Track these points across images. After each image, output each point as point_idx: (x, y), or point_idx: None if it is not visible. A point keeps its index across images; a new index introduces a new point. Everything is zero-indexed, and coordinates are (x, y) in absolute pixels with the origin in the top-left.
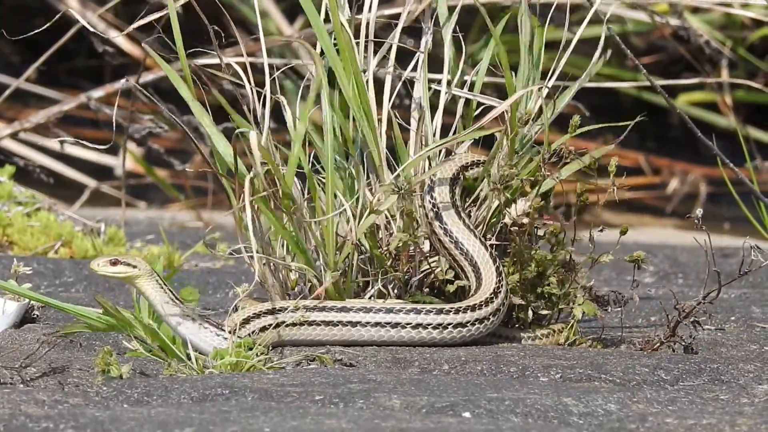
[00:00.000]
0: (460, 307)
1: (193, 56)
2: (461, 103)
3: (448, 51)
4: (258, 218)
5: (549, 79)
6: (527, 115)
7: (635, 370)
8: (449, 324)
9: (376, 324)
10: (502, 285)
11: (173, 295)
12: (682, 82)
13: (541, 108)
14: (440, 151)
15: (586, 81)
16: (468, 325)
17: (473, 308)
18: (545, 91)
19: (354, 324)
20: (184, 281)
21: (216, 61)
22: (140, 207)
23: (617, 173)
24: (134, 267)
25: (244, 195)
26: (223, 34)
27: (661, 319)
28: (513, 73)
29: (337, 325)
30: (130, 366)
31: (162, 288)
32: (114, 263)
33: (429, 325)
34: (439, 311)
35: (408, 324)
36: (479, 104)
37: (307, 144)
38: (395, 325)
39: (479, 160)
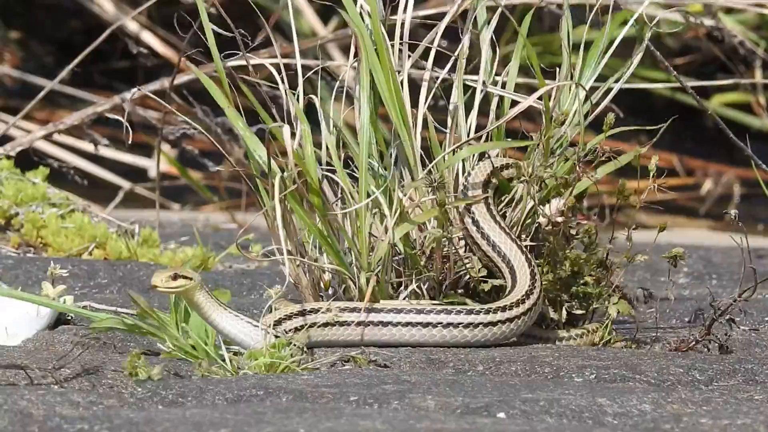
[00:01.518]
0: (491, 308)
1: (227, 57)
2: (494, 103)
3: (486, 53)
4: (291, 218)
5: (590, 79)
6: (564, 115)
7: (669, 371)
8: (480, 323)
9: (407, 324)
10: (536, 285)
11: (219, 301)
12: (715, 83)
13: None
14: (473, 156)
15: (624, 81)
16: (499, 324)
17: (504, 308)
18: (583, 93)
19: (385, 324)
20: (218, 283)
21: (250, 62)
22: (174, 209)
23: (647, 175)
24: (191, 279)
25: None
26: (251, 36)
27: (696, 319)
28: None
29: (368, 326)
30: (162, 367)
31: (209, 294)
32: (174, 278)
33: (460, 324)
34: (470, 311)
35: (439, 323)
36: (513, 106)
37: (341, 145)
38: (426, 325)
39: (512, 162)
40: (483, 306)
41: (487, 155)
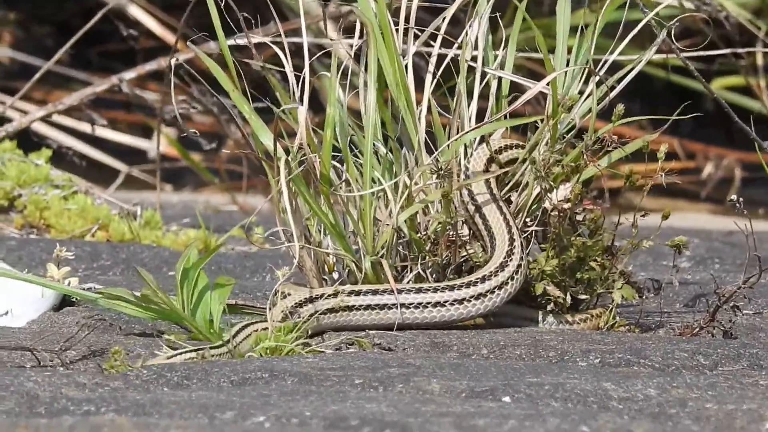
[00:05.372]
0: (455, 285)
1: (226, 37)
2: (494, 86)
3: (483, 33)
4: (296, 201)
5: (600, 65)
6: (571, 101)
7: (674, 355)
8: (446, 301)
9: (368, 307)
10: (511, 260)
11: None
12: (717, 53)
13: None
14: (475, 138)
15: (640, 67)
16: (465, 302)
17: (469, 284)
18: (579, 77)
19: (352, 308)
20: (221, 265)
21: (251, 41)
22: (166, 190)
23: (651, 158)
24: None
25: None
26: (251, 17)
27: (700, 304)
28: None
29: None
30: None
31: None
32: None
33: (429, 303)
34: (436, 289)
35: (411, 304)
36: (512, 89)
37: (342, 128)
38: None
39: (512, 144)
40: (449, 282)
41: (486, 139)
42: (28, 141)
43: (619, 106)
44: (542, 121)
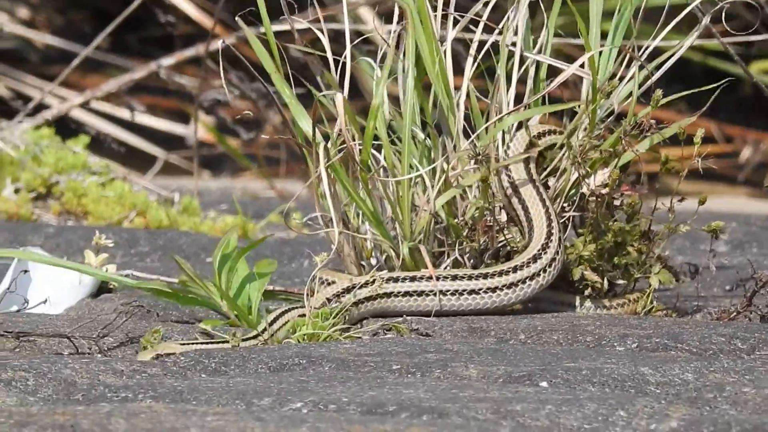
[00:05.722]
0: (488, 273)
1: (258, 24)
2: (532, 71)
3: (523, 18)
4: (335, 187)
5: (643, 50)
6: (610, 86)
7: (711, 340)
8: (480, 289)
9: (406, 294)
10: (548, 248)
11: None
12: (758, 38)
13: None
14: (513, 124)
15: (681, 52)
16: (500, 289)
17: (500, 273)
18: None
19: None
20: (259, 252)
21: (288, 27)
22: (204, 176)
23: (688, 142)
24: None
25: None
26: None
27: (737, 288)
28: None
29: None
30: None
31: None
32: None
33: (472, 291)
34: (471, 277)
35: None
36: (551, 75)
37: (381, 114)
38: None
39: (551, 129)
40: (483, 270)
41: (525, 124)
42: (65, 128)
43: (658, 91)
44: (581, 106)
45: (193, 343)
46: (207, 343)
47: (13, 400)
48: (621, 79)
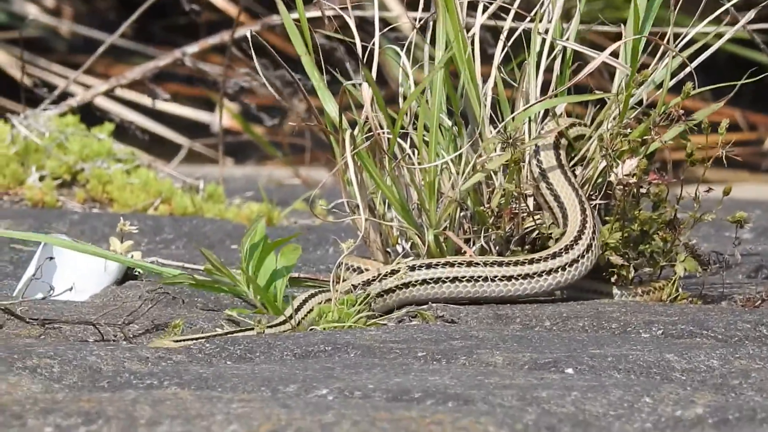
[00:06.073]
0: (525, 260)
1: (289, 9)
2: (558, 62)
3: (558, 6)
4: (361, 175)
5: (680, 39)
6: (642, 76)
7: (737, 326)
8: (519, 275)
9: (438, 280)
10: (582, 237)
11: None
12: None
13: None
14: (540, 112)
15: (719, 44)
16: (535, 276)
17: (537, 261)
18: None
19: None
20: (282, 236)
21: (316, 14)
22: (228, 164)
23: (713, 129)
24: None
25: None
26: None
27: (762, 275)
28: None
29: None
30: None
31: None
32: None
33: (495, 277)
34: (501, 263)
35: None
36: (575, 61)
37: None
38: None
39: (577, 121)
40: (513, 258)
41: (554, 114)
42: (90, 115)
43: (688, 84)
44: (610, 96)
45: (185, 339)
46: (199, 338)
47: (39, 387)
48: (646, 68)
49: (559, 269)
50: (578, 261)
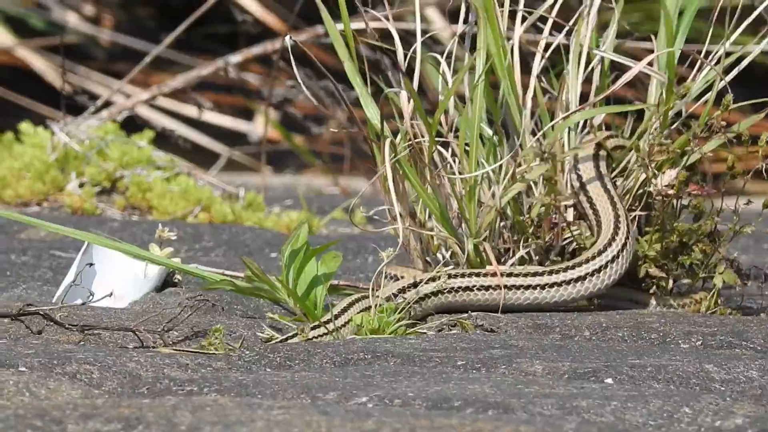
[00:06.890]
0: (554, 269)
1: (336, 20)
2: (597, 72)
3: (593, 17)
4: (402, 184)
5: (715, 52)
6: (685, 89)
7: None
8: (546, 284)
9: (471, 288)
10: (613, 244)
11: None
12: None
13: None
14: (579, 123)
15: (755, 54)
16: (565, 284)
17: (565, 269)
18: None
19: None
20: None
21: (360, 25)
22: (267, 173)
23: (754, 141)
24: None
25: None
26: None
27: None
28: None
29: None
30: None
31: None
32: None
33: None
34: (535, 273)
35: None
36: (613, 71)
37: (446, 112)
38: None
39: (615, 133)
40: (546, 267)
41: (592, 126)
42: (130, 123)
43: (728, 96)
44: (650, 108)
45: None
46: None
47: (78, 392)
48: (684, 81)
49: (580, 279)
50: (601, 271)
